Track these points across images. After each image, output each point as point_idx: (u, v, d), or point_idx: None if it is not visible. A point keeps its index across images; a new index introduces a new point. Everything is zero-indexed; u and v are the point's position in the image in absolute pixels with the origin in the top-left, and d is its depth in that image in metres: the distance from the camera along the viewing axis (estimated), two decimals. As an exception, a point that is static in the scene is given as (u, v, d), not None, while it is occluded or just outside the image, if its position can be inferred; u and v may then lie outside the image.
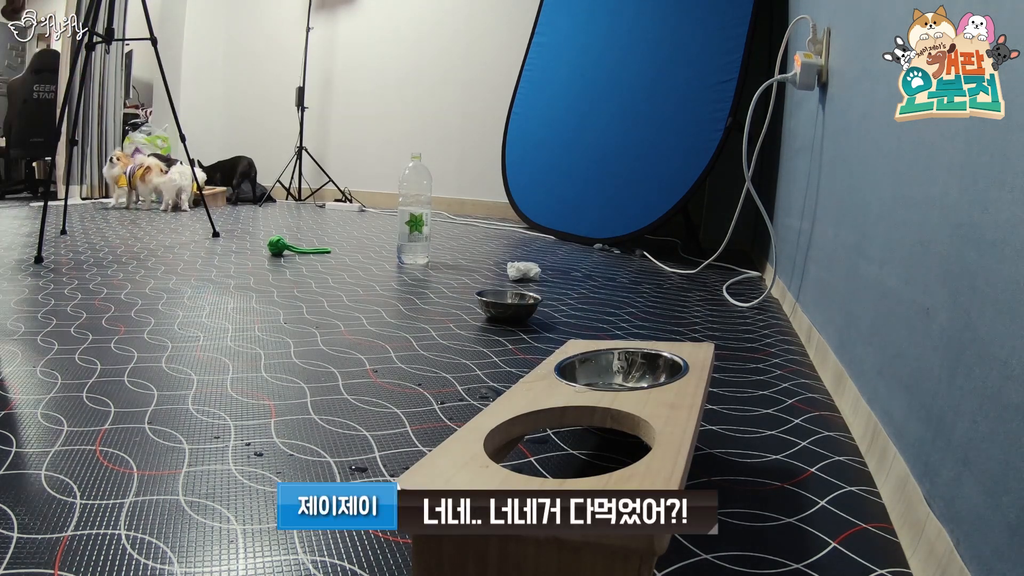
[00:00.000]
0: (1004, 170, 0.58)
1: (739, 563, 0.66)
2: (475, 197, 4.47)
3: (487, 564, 0.54)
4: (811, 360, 1.39)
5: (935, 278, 0.74)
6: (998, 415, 0.55)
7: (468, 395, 1.11)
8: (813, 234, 1.60)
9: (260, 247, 2.62)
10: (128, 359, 1.20)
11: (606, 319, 1.67)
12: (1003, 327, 0.56)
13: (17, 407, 0.97)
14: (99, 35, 2.65)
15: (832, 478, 0.85)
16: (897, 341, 0.86)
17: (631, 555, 0.49)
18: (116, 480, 0.77)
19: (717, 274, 2.47)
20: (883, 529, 0.73)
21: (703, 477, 0.85)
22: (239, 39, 5.31)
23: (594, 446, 0.94)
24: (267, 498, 0.75)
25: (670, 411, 0.72)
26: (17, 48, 5.79)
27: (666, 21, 3.10)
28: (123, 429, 0.91)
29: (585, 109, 3.35)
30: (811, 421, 1.05)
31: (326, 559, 0.64)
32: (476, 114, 4.37)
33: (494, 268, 2.41)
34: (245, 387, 1.09)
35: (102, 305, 1.57)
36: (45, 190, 2.64)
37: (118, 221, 3.21)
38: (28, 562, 0.61)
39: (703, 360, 0.91)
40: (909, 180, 0.88)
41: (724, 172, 3.03)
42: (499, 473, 0.58)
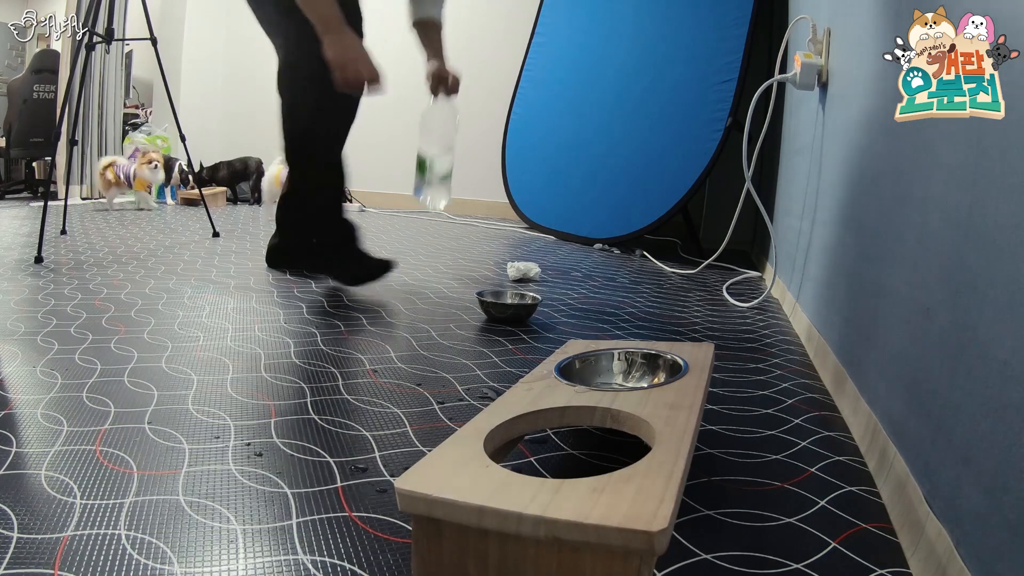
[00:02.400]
0: (1004, 170, 0.58)
1: (739, 563, 0.66)
2: (475, 197, 4.47)
3: (487, 564, 0.54)
4: (811, 360, 1.39)
5: (935, 278, 0.74)
6: (998, 415, 0.55)
7: (468, 395, 1.11)
8: (813, 234, 1.60)
9: (260, 247, 2.62)
10: (128, 359, 1.20)
11: (606, 319, 1.67)
12: (1003, 327, 0.56)
13: (17, 407, 0.96)
14: (99, 35, 2.65)
15: (832, 478, 0.85)
16: (897, 341, 0.86)
17: (631, 555, 0.49)
18: (116, 480, 0.77)
19: (717, 274, 2.47)
20: (883, 529, 0.73)
21: (703, 477, 0.85)
22: (239, 39, 5.31)
23: (594, 446, 0.94)
24: (267, 498, 0.75)
25: (670, 411, 0.72)
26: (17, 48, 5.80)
27: (666, 21, 3.10)
28: (123, 429, 0.91)
29: (585, 109, 3.35)
30: (811, 421, 1.05)
31: (326, 559, 0.64)
32: (476, 114, 4.36)
33: (494, 268, 2.41)
34: (245, 387, 1.09)
35: (102, 305, 1.57)
36: (45, 190, 2.64)
37: (118, 221, 3.21)
38: (28, 562, 0.61)
39: (703, 360, 0.91)
40: (909, 180, 0.88)
41: (724, 172, 3.03)
42: (499, 473, 0.58)
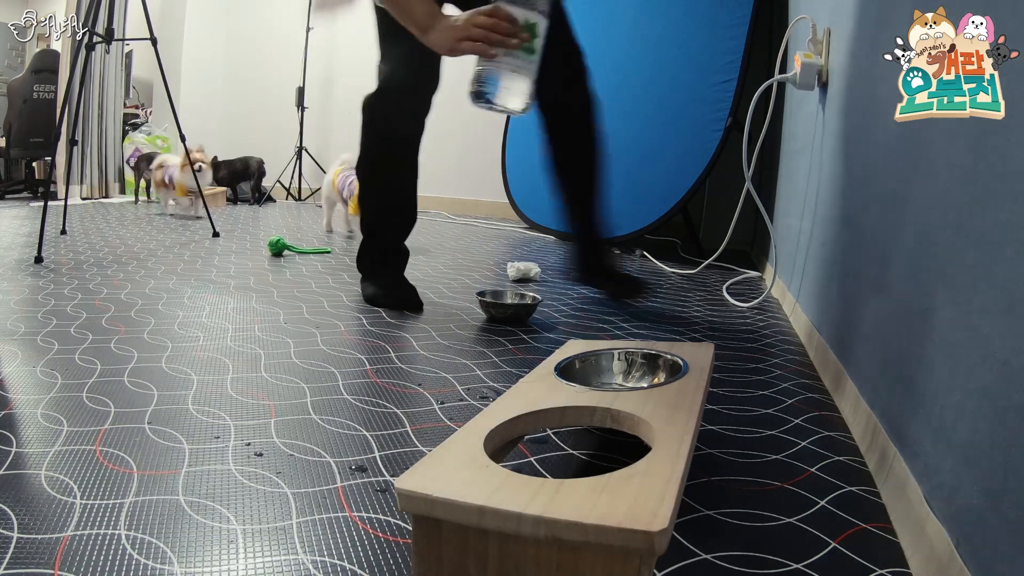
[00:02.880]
0: (1004, 170, 0.58)
1: (739, 563, 0.66)
2: (475, 197, 4.47)
3: (487, 564, 0.54)
4: (811, 360, 1.39)
5: (935, 278, 0.74)
6: (998, 415, 0.55)
7: (468, 395, 1.11)
8: (813, 234, 1.59)
9: (260, 247, 2.62)
10: (128, 359, 1.20)
11: (606, 319, 1.67)
12: (1003, 327, 0.56)
13: (17, 407, 0.96)
14: (99, 35, 2.65)
15: (832, 478, 0.85)
16: (897, 341, 0.86)
17: (631, 555, 0.49)
18: (116, 480, 0.77)
19: (717, 274, 2.47)
20: (883, 529, 0.73)
21: (703, 477, 0.85)
22: (239, 39, 5.31)
23: (594, 446, 0.94)
24: (267, 498, 0.75)
25: (670, 411, 0.72)
26: (17, 48, 5.80)
27: (666, 21, 3.10)
28: (123, 429, 0.91)
29: (585, 109, 3.34)
30: (811, 421, 1.05)
31: (326, 559, 0.64)
32: (476, 114, 4.36)
33: (494, 268, 2.41)
34: (245, 387, 1.09)
35: (102, 305, 1.57)
36: (45, 190, 2.64)
37: (118, 221, 3.21)
38: (28, 562, 0.61)
39: (703, 360, 0.91)
40: (909, 180, 0.88)
41: (724, 172, 3.03)
42: (499, 473, 0.58)
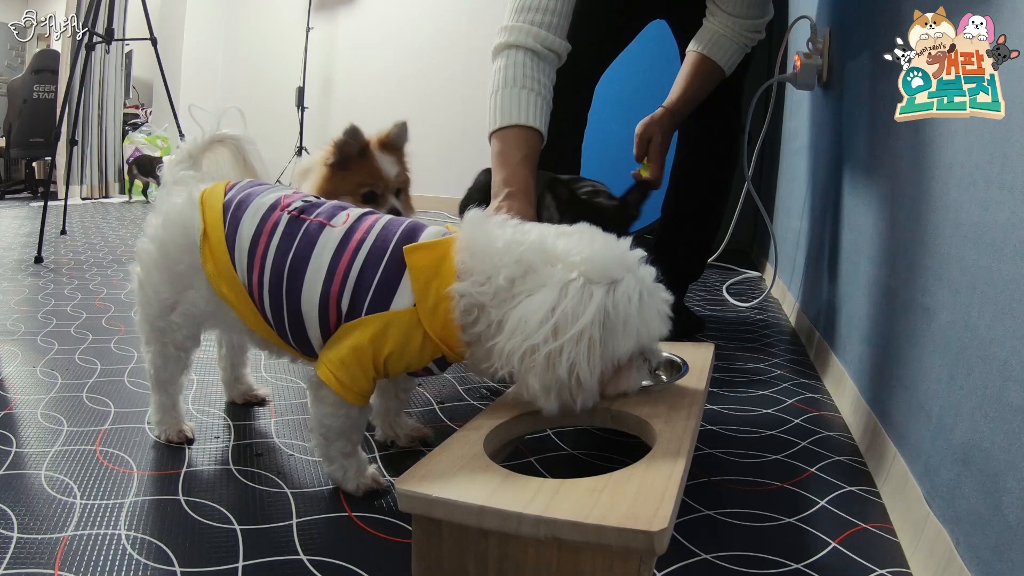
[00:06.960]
0: (1004, 170, 0.58)
1: (739, 563, 0.66)
2: (475, 197, 4.47)
3: (487, 564, 0.54)
4: (811, 360, 1.39)
5: (935, 278, 0.74)
6: (998, 415, 0.55)
7: (468, 395, 1.11)
8: (813, 234, 1.59)
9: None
10: (128, 359, 1.20)
11: (606, 319, 1.67)
12: (1003, 327, 0.56)
13: (17, 407, 0.96)
14: (99, 35, 2.65)
15: (832, 478, 0.85)
16: (897, 341, 0.86)
17: (631, 555, 0.49)
18: (116, 480, 0.77)
19: (717, 274, 2.47)
20: (883, 529, 0.73)
21: (703, 477, 0.85)
22: (239, 39, 5.31)
23: (594, 446, 0.94)
24: (267, 498, 0.75)
25: (670, 411, 0.72)
26: (17, 48, 5.79)
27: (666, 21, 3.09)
28: (123, 429, 0.91)
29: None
30: (811, 421, 1.05)
31: (326, 559, 0.64)
32: (476, 114, 4.37)
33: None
34: (245, 387, 1.09)
35: (102, 305, 1.57)
36: (45, 190, 2.64)
37: (118, 221, 3.21)
38: (28, 562, 0.61)
39: (703, 360, 0.91)
40: (909, 180, 0.88)
41: (724, 172, 3.02)
42: (499, 473, 0.58)
